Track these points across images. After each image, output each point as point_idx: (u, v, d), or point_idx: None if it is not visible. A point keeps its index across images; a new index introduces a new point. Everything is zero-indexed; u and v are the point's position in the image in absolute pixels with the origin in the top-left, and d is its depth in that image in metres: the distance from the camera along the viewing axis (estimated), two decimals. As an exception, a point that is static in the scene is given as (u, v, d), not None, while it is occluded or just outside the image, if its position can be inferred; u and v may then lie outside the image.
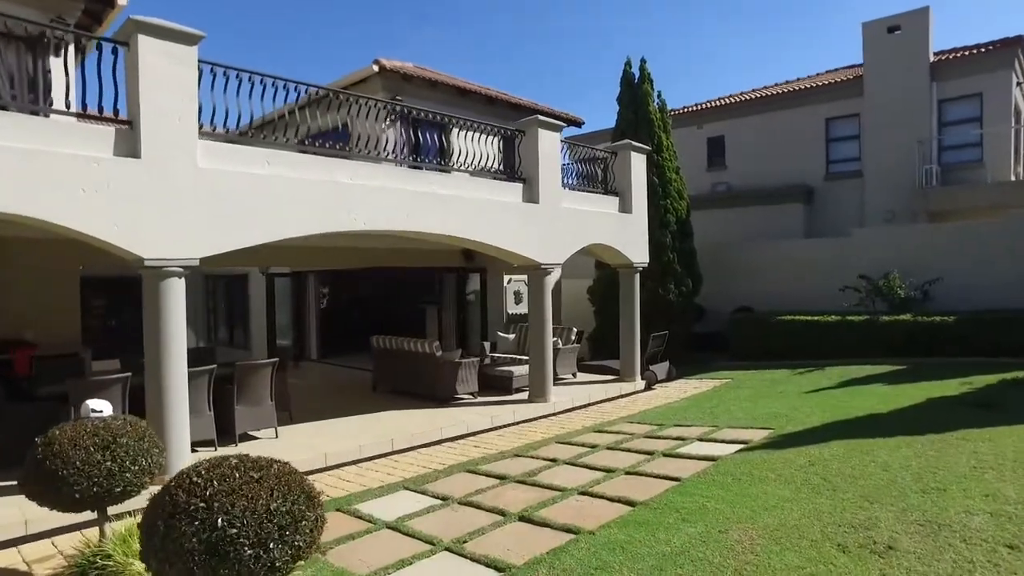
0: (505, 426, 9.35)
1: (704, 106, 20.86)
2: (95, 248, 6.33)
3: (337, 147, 8.24)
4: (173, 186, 6.34)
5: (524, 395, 10.79)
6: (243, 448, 7.79)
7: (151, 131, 6.21)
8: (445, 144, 10.52)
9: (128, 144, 6.13)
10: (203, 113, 6.76)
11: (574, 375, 12.92)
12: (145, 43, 6.15)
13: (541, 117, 10.26)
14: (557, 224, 10.46)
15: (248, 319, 18.49)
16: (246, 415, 7.99)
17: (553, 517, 5.20)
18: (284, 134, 7.64)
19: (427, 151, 11.24)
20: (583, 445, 7.76)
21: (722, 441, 7.46)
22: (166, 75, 6.29)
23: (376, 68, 13.00)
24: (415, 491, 6.26)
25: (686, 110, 21.08)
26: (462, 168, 9.39)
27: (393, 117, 8.97)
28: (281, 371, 9.19)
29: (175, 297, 6.50)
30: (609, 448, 7.52)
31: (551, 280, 10.57)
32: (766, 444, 7.13)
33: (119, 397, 6.92)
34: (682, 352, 15.22)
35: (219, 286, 20.48)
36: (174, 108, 6.34)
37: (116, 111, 6.29)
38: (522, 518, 5.25)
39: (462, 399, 10.67)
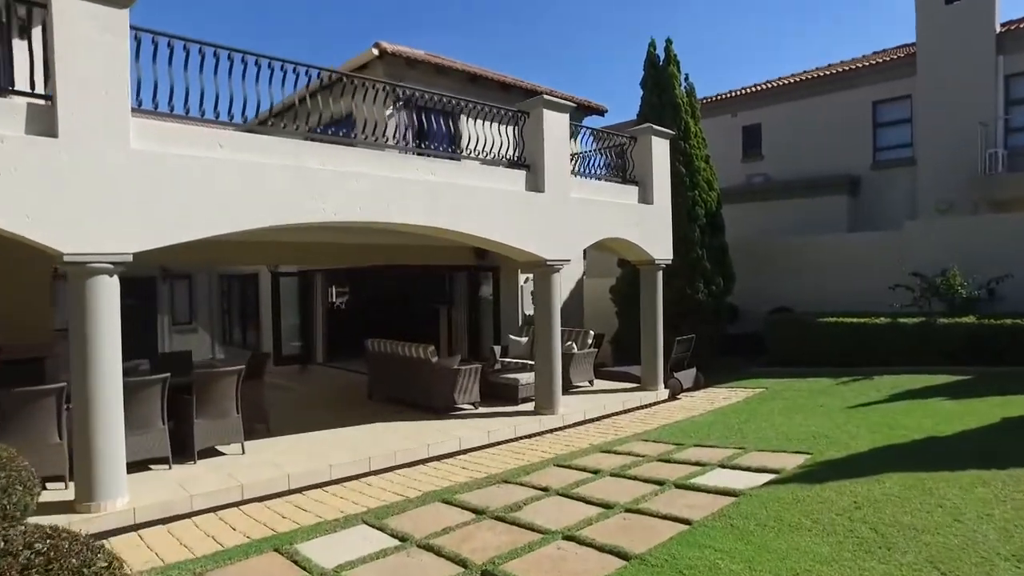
0: (503, 443, 8.32)
1: (739, 93, 19.46)
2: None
3: (303, 128, 7.32)
4: (99, 170, 5.48)
5: (531, 406, 9.74)
6: (202, 466, 6.94)
7: (71, 106, 5.36)
8: (452, 129, 9.55)
9: (43, 121, 5.29)
10: (143, 89, 5.93)
11: (590, 383, 11.81)
12: (63, 2, 5.30)
13: (547, 96, 9.19)
14: (566, 216, 9.38)
15: (260, 320, 17.87)
16: (207, 429, 7.14)
17: (521, 574, 4.15)
18: (244, 114, 6.75)
19: (432, 137, 10.29)
20: (584, 470, 6.67)
21: (748, 469, 6.29)
22: (91, 42, 5.44)
23: (376, 52, 12.11)
24: (374, 526, 5.28)
25: (719, 97, 19.72)
26: (461, 154, 8.39)
27: (385, 98, 8.05)
28: (257, 379, 8.34)
29: (105, 298, 5.64)
30: (614, 475, 6.42)
31: (559, 279, 9.49)
32: (801, 475, 5.93)
33: (52, 412, 6.10)
34: (713, 357, 13.96)
35: (233, 285, 19.95)
36: (100, 80, 5.48)
37: (32, 84, 5.46)
38: (484, 574, 4.22)
39: (462, 409, 9.68)
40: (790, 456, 6.62)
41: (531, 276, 14.88)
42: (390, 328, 17.38)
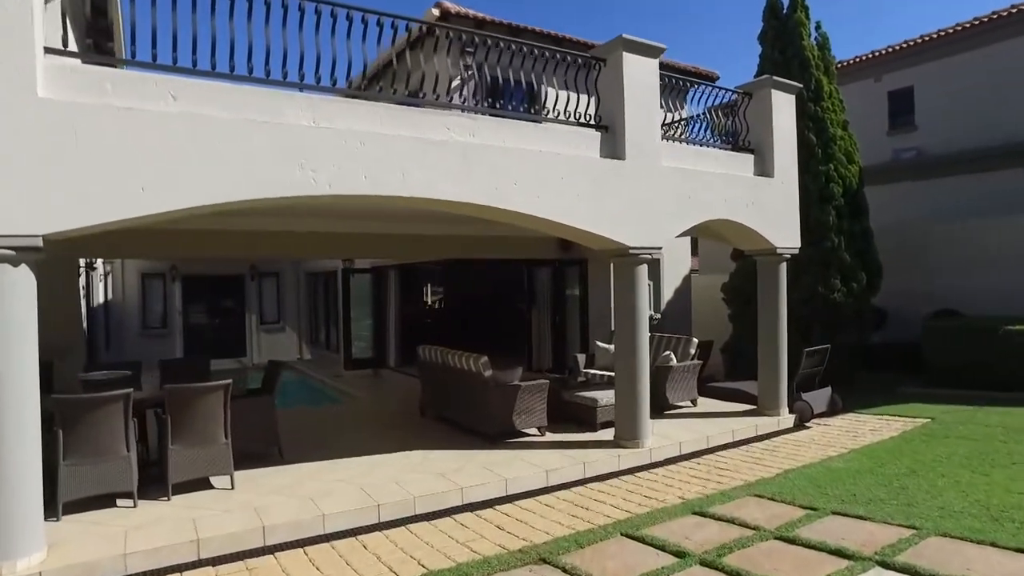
0: (565, 487, 6.34)
1: (883, 52, 16.14)
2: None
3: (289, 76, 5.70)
4: (-11, 123, 4.12)
5: (610, 432, 7.70)
6: (173, 505, 5.53)
7: (-49, 38, 4.03)
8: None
9: (-86, 58, 3.99)
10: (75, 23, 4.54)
11: (693, 403, 9.53)
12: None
13: (629, 37, 7.09)
14: (655, 190, 7.25)
15: (339, 321, 16.91)
16: (186, 458, 5.72)
17: None
18: (232, 63, 5.22)
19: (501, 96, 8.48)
20: (663, 548, 4.57)
21: None
22: (-19, -47, 4.09)
23: (437, 13, 10.48)
24: (328, 637, 3.53)
25: (856, 60, 16.48)
26: (508, 108, 6.51)
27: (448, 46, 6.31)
28: (266, 395, 6.89)
29: (9, 292, 4.27)
30: (707, 564, 4.28)
31: (645, 272, 7.35)
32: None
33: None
34: (853, 372, 11.19)
35: (318, 284, 19.20)
36: (-8, 3, 4.12)
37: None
38: None
39: (523, 436, 7.80)
40: (1001, 555, 4.17)
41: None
42: (466, 331, 15.77)
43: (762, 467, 6.74)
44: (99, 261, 13.23)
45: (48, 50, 4.40)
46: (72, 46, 7.01)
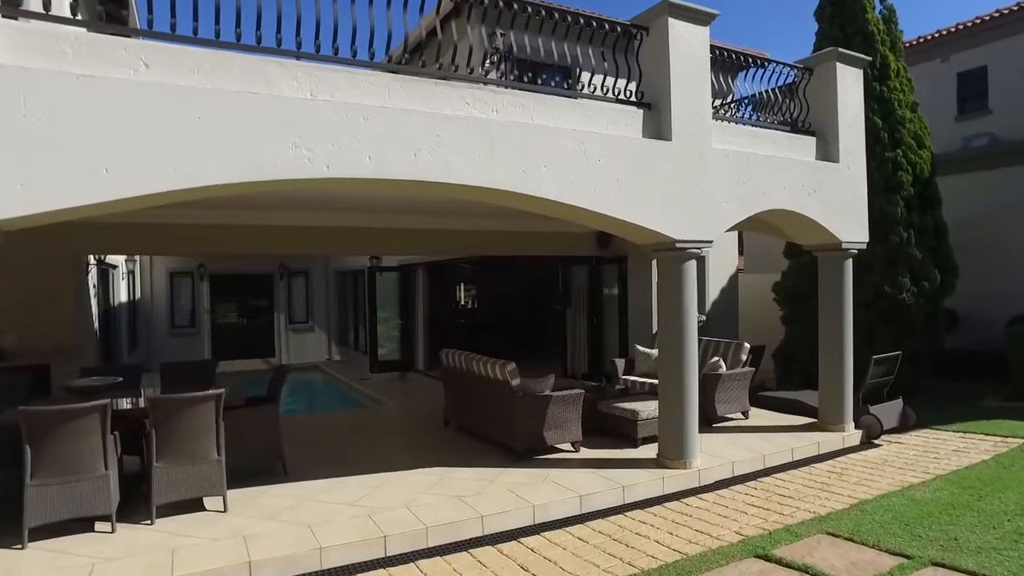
0: (601, 514, 5.52)
1: (952, 30, 14.82)
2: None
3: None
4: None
5: (653, 449, 6.85)
6: (160, 527, 4.89)
7: None
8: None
9: None
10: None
11: (744, 414, 8.59)
12: None
13: (674, 1, 6.22)
14: (705, 176, 6.37)
15: (365, 322, 16.34)
16: (172, 477, 5.08)
17: None
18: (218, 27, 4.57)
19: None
20: (722, 604, 3.74)
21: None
22: None
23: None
24: None
25: (921, 40, 15.20)
26: (539, 83, 5.71)
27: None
28: (269, 404, 6.23)
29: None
30: (779, 629, 3.44)
31: (693, 269, 6.47)
32: None
33: None
34: (925, 381, 10.08)
35: (347, 283, 18.68)
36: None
37: None
38: None
39: (555, 452, 7.00)
40: None
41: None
42: (497, 333, 15.05)
43: (831, 495, 5.81)
44: (121, 258, 12.87)
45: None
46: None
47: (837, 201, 7.48)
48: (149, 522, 4.99)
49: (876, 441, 7.73)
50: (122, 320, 12.94)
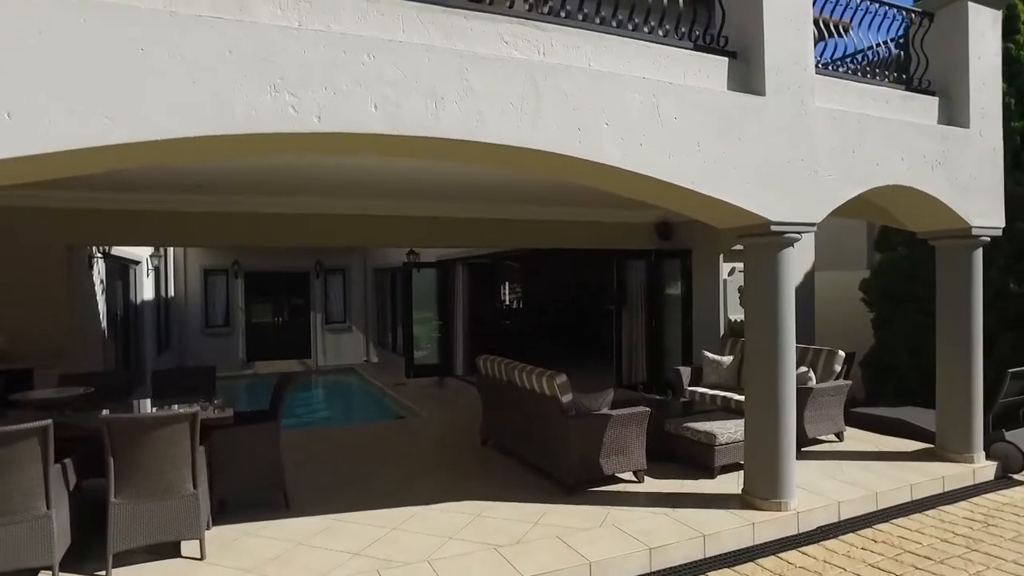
0: (674, 573, 4.27)
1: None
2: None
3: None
4: None
5: (735, 481, 5.56)
6: (116, 585, 3.87)
7: None
8: None
9: None
10: None
11: (838, 436, 7.18)
12: None
13: (769, -81, 4.91)
14: (806, 141, 5.04)
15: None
16: (134, 517, 4.04)
17: None
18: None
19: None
20: None
21: None
22: None
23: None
24: None
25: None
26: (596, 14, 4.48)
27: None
28: (267, 422, 5.17)
29: None
30: None
31: (791, 259, 5.14)
32: None
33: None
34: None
35: (385, 281, 17.76)
36: None
37: None
38: None
39: (616, 482, 5.75)
40: None
41: (737, 266, 10.41)
42: (543, 336, 13.84)
43: (987, 557, 4.41)
44: (144, 253, 12.17)
45: None
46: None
47: (966, 176, 6.02)
48: (103, 573, 3.96)
49: (1016, 476, 6.23)
50: (147, 320, 12.24)
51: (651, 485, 5.70)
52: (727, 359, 8.33)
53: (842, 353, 7.40)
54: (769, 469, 5.10)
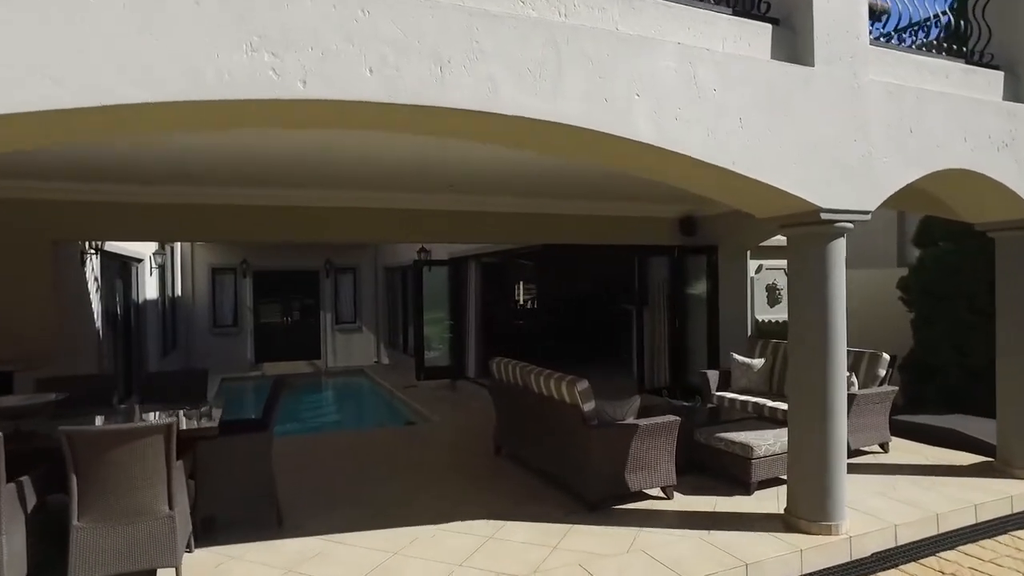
0: (719, 612, 3.73)
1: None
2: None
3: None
4: None
5: (774, 497, 5.01)
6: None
7: None
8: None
9: None
10: None
11: (883, 447, 6.60)
12: None
13: None
14: (859, 118, 4.48)
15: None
16: (101, 543, 3.56)
17: None
18: None
19: None
20: None
21: None
22: None
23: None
24: None
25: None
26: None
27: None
28: (260, 431, 4.69)
29: None
30: None
31: (841, 250, 4.57)
32: None
33: None
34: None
35: (397, 280, 17.31)
36: None
37: None
38: None
39: (643, 498, 5.21)
40: None
41: (765, 263, 9.86)
42: (560, 337, 13.30)
43: (1075, 592, 3.82)
44: (147, 251, 11.78)
45: None
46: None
47: (1034, 159, 5.41)
48: (65, 610, 3.49)
49: (1087, 493, 5.60)
50: (150, 319, 11.84)
51: (681, 502, 5.16)
52: (758, 362, 7.76)
53: (886, 356, 6.80)
54: (817, 487, 4.53)
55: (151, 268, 12.06)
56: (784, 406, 6.76)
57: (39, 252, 6.43)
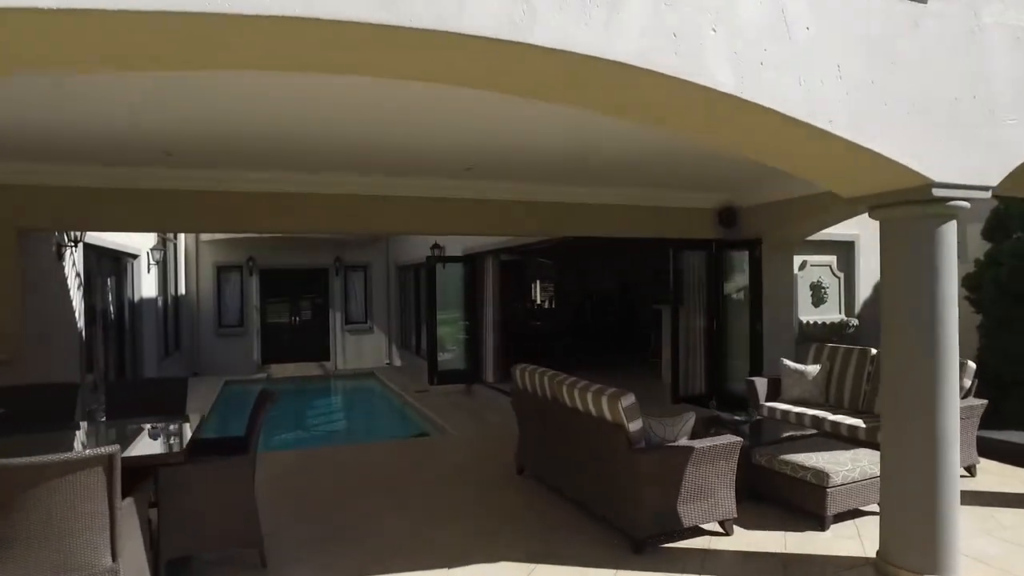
0: None
1: None
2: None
3: None
4: None
5: (854, 533, 4.12)
6: None
7: None
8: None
9: None
10: None
11: (970, 470, 5.68)
12: None
13: None
14: (979, 69, 3.59)
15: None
16: (24, 605, 2.78)
17: None
18: None
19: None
20: None
21: None
22: None
23: None
24: None
25: None
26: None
27: None
28: (239, 454, 3.89)
29: None
30: None
31: (953, 236, 3.69)
32: None
33: None
34: None
35: (409, 278, 16.53)
36: None
37: None
38: None
39: (700, 533, 4.35)
40: None
41: (809, 259, 8.93)
42: (586, 339, 12.49)
43: None
44: (144, 246, 11.07)
45: None
46: None
47: None
48: None
49: None
50: (147, 320, 11.13)
51: (743, 539, 4.30)
52: (812, 369, 6.88)
53: (972, 364, 5.88)
54: (922, 529, 3.64)
55: (148, 265, 11.35)
56: (849, 420, 5.93)
57: (3, 243, 5.66)
